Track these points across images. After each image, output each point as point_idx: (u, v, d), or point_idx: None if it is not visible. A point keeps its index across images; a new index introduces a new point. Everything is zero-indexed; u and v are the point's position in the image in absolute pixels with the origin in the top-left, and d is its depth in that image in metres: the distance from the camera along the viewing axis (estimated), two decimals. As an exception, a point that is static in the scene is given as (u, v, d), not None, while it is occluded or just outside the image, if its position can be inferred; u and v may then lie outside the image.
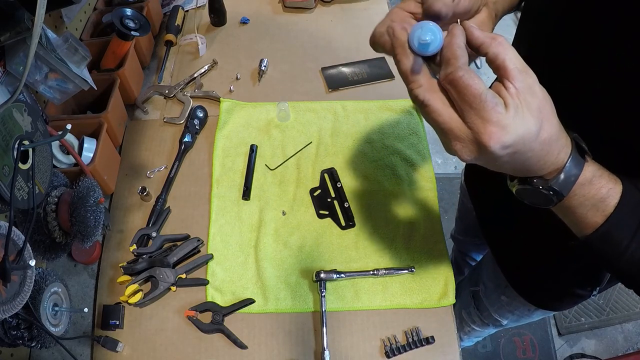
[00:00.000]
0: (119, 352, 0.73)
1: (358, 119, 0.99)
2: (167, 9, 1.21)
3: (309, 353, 0.73)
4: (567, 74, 0.56)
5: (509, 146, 0.38)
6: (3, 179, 0.54)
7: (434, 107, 0.40)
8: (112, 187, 0.88)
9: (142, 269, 0.78)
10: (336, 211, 0.87)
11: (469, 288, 1.05)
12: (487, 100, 0.37)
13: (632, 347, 1.76)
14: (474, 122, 0.38)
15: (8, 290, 0.53)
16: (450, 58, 0.40)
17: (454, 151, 0.40)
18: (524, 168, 0.43)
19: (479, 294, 0.99)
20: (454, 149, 0.40)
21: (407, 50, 0.42)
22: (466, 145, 0.39)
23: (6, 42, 0.53)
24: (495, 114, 0.37)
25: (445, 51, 0.40)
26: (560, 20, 0.55)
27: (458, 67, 0.39)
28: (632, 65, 0.46)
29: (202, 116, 0.98)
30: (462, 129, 0.39)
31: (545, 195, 0.45)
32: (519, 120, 0.38)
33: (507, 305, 0.91)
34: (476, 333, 1.17)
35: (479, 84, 0.38)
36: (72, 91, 0.70)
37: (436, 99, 0.40)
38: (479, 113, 0.38)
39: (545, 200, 0.45)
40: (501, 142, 0.38)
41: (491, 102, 0.38)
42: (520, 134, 0.38)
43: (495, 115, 0.37)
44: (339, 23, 1.20)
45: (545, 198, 0.45)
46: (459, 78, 0.38)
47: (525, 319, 0.93)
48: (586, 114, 0.55)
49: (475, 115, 0.38)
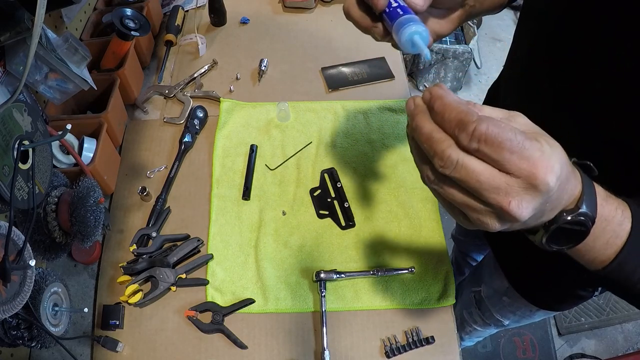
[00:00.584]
0: (119, 352, 0.73)
1: (358, 119, 0.99)
2: (167, 9, 1.21)
3: (309, 353, 0.73)
4: (567, 74, 0.56)
5: (559, 175, 0.34)
6: (3, 179, 0.54)
7: (471, 167, 0.34)
8: (112, 187, 0.88)
9: (142, 269, 0.78)
10: (336, 211, 0.87)
11: (470, 288, 1.05)
12: (523, 139, 0.33)
13: (632, 347, 1.76)
14: (520, 167, 0.33)
15: (8, 290, 0.53)
16: (462, 118, 0.34)
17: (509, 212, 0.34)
18: (559, 203, 0.38)
19: (480, 295, 0.99)
20: (509, 208, 0.34)
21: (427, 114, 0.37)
22: (522, 196, 0.34)
23: (6, 42, 0.53)
24: (537, 148, 0.33)
25: (448, 115, 0.35)
26: (561, 20, 0.54)
27: (479, 120, 0.34)
28: (632, 65, 0.46)
29: (202, 116, 0.98)
30: (510, 181, 0.34)
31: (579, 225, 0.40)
32: (550, 147, 0.35)
33: (509, 305, 0.91)
34: (477, 333, 1.17)
35: (506, 126, 0.34)
36: (72, 91, 0.70)
37: (470, 158, 0.34)
38: (522, 154, 0.33)
39: (577, 234, 0.41)
40: (555, 172, 0.34)
41: (527, 139, 0.33)
42: (561, 159, 0.35)
43: (536, 149, 0.33)
44: (339, 23, 1.20)
45: (578, 232, 0.40)
46: (485, 130, 0.33)
47: (527, 319, 0.93)
48: (586, 114, 0.55)
49: (518, 159, 0.33)
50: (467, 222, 0.39)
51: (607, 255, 0.43)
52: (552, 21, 0.56)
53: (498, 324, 1.01)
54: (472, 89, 2.45)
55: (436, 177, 0.37)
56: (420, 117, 0.37)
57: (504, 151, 0.33)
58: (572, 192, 0.39)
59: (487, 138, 0.33)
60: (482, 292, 0.99)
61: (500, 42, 2.67)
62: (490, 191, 0.34)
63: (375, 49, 1.10)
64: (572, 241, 0.42)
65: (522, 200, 0.34)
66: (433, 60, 2.18)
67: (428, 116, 0.37)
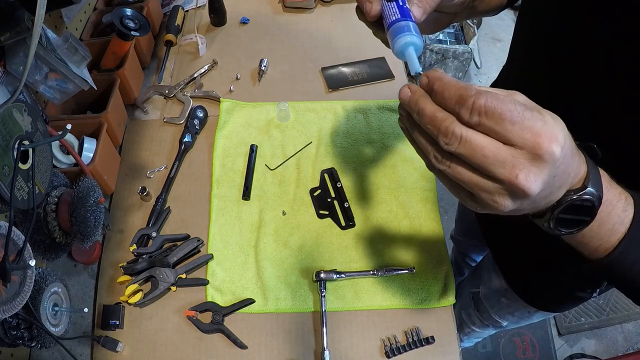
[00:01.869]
0: (119, 352, 0.73)
1: (358, 119, 0.99)
2: (167, 9, 1.21)
3: (309, 353, 0.73)
4: (565, 74, 0.56)
5: (563, 145, 0.34)
6: (3, 179, 0.54)
7: (476, 141, 0.34)
8: (112, 187, 0.88)
9: (142, 269, 0.78)
10: (336, 211, 0.87)
11: (469, 289, 1.05)
12: (523, 109, 0.33)
13: (632, 347, 1.76)
14: (523, 137, 0.33)
15: (8, 290, 0.53)
16: (462, 94, 0.34)
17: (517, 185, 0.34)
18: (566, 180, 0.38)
19: (479, 296, 0.99)
20: (517, 180, 0.33)
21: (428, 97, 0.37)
22: (529, 168, 0.33)
23: (6, 42, 0.53)
24: (538, 118, 0.33)
25: (448, 93, 0.35)
26: (558, 20, 0.55)
27: (477, 94, 0.34)
28: (630, 66, 0.46)
29: (202, 116, 0.98)
30: (515, 153, 0.33)
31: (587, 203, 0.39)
32: (552, 117, 0.35)
33: (507, 307, 0.91)
34: (476, 334, 1.17)
35: (504, 98, 0.34)
36: (72, 91, 0.70)
37: (474, 132, 0.34)
38: (523, 124, 0.33)
39: (586, 213, 0.40)
40: (559, 141, 0.33)
41: (527, 109, 0.34)
42: (564, 130, 0.35)
43: (538, 119, 0.33)
44: (339, 23, 1.20)
45: (587, 210, 0.40)
46: (484, 102, 0.33)
47: (526, 320, 0.92)
48: (585, 114, 0.55)
49: (520, 129, 0.33)
50: (476, 204, 0.38)
51: (611, 242, 0.43)
52: (550, 21, 0.56)
53: (496, 325, 1.01)
54: (472, 89, 2.44)
55: (443, 156, 0.37)
56: (421, 100, 0.37)
57: (505, 122, 0.33)
58: (577, 171, 0.38)
59: (487, 110, 0.33)
60: (480, 293, 0.99)
61: (500, 42, 2.67)
62: (497, 165, 0.34)
63: (375, 49, 1.10)
64: (581, 223, 0.41)
65: (530, 172, 0.33)
66: (433, 60, 2.18)
67: (429, 98, 0.37)
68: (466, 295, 1.06)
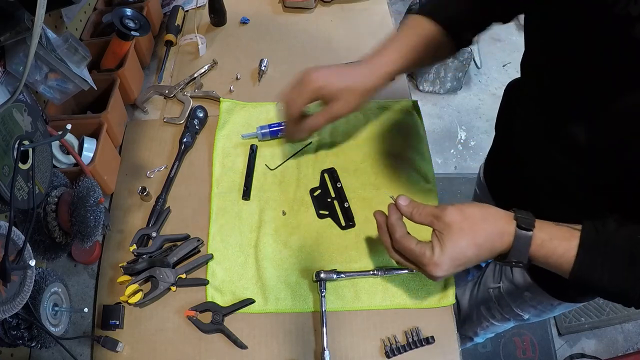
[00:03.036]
0: (119, 352, 0.73)
1: (358, 119, 0.99)
2: (167, 9, 1.21)
3: (309, 353, 0.73)
4: (566, 79, 0.56)
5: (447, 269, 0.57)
6: (3, 179, 0.54)
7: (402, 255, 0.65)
8: (112, 187, 0.88)
9: (142, 269, 0.78)
10: (336, 211, 0.87)
11: (489, 285, 1.04)
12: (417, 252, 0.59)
13: (632, 347, 1.76)
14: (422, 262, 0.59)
15: (8, 290, 0.53)
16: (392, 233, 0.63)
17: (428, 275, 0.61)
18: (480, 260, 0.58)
19: (499, 291, 1.00)
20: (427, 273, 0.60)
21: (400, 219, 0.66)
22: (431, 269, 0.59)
23: (6, 42, 0.53)
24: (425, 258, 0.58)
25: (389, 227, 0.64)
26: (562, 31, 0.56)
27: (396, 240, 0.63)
28: (630, 69, 0.47)
29: (202, 116, 0.98)
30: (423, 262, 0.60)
31: (514, 264, 0.59)
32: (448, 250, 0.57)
33: (531, 300, 0.92)
34: (494, 328, 1.17)
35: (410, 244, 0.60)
36: (72, 91, 0.70)
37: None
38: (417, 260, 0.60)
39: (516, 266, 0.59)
40: (442, 271, 0.58)
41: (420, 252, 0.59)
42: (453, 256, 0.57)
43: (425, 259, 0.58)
44: (339, 23, 1.20)
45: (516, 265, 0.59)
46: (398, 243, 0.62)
47: (548, 313, 0.94)
48: (585, 116, 0.55)
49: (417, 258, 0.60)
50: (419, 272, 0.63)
51: (563, 270, 0.56)
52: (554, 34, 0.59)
53: (518, 318, 1.02)
54: (472, 89, 2.45)
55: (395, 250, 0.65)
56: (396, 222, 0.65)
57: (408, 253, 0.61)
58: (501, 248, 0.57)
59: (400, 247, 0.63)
60: (501, 288, 0.99)
61: (500, 42, 2.67)
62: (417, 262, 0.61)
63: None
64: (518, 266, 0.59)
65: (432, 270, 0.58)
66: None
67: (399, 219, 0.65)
68: (483, 289, 1.06)
